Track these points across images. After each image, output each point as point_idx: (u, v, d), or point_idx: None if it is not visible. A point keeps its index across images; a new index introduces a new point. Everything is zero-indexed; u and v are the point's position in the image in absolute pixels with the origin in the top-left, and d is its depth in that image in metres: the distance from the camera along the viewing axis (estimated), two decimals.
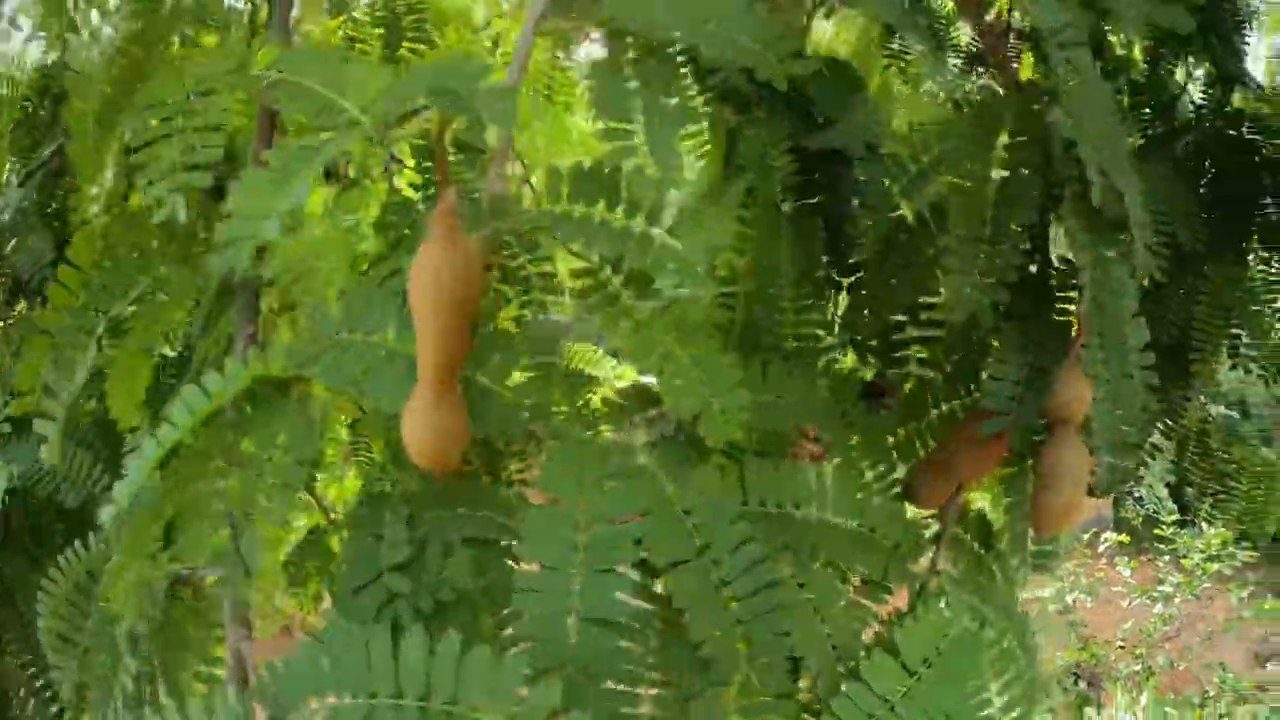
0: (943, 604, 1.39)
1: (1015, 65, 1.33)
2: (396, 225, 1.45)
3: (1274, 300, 2.83)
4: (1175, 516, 8.07)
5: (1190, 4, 2.62)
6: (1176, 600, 7.45)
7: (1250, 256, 2.83)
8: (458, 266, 1.02)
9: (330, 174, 2.31)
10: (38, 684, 2.08)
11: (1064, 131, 1.09)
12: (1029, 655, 1.50)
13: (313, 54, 1.38)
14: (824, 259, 1.51)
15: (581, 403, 1.31)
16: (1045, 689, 1.54)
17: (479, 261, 1.02)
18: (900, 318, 1.57)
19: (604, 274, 1.13)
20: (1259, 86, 3.01)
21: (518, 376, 1.38)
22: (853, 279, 1.55)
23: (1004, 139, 1.12)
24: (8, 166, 2.48)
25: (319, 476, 1.61)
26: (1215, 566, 7.44)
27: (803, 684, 1.31)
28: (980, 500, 1.69)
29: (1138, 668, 7.24)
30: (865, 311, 1.53)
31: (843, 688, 1.22)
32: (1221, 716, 6.92)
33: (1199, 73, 3.05)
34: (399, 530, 1.17)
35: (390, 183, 2.18)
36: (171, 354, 1.91)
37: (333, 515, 1.90)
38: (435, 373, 1.06)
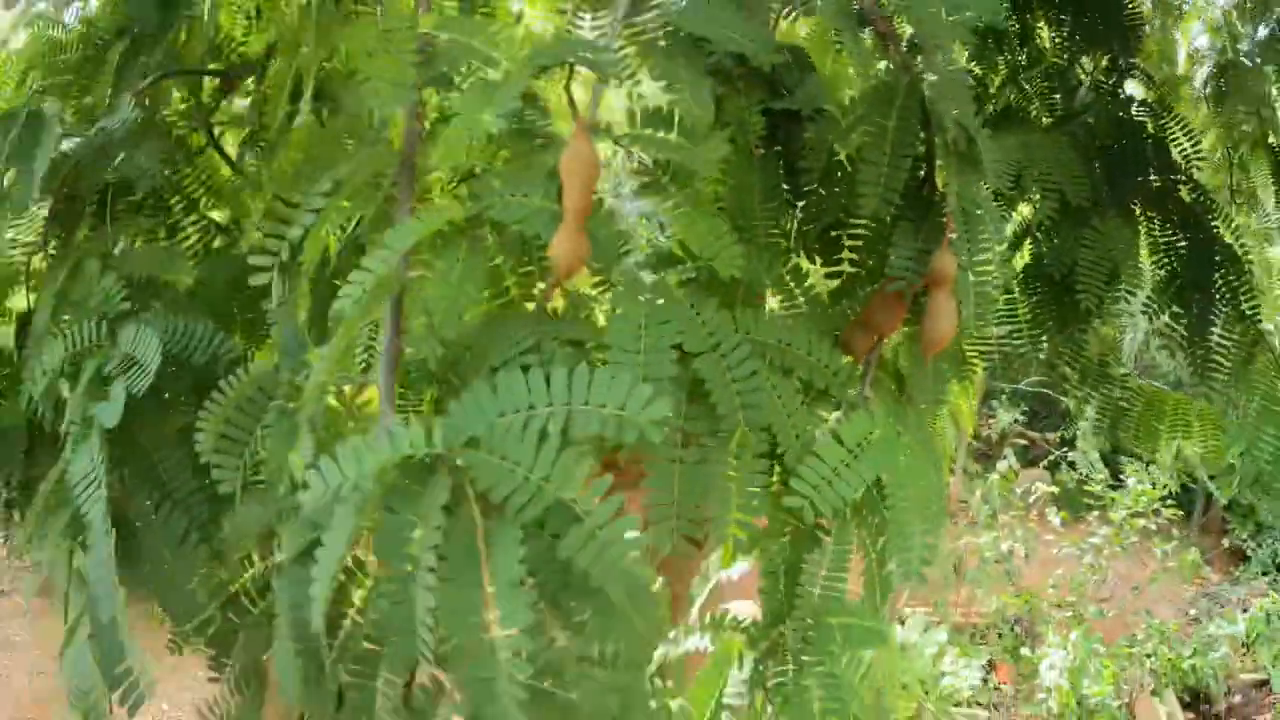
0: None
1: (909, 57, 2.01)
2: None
3: (1157, 258, 3.54)
4: (1106, 480, 8.71)
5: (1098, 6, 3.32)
6: (1105, 553, 7.97)
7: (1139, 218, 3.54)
8: (593, 155, 1.63)
9: None
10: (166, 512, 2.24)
11: (929, 104, 1.79)
12: (936, 469, 2.16)
13: (464, 20, 1.86)
14: (783, 186, 2.18)
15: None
16: (945, 503, 2.15)
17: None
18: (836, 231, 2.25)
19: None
20: (1149, 77, 3.74)
21: None
22: (803, 201, 2.23)
23: (898, 103, 1.81)
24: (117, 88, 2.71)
25: None
26: (1141, 522, 8.00)
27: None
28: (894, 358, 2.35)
29: (1069, 614, 7.80)
30: (812, 224, 2.21)
31: (804, 461, 1.81)
32: (1148, 656, 7.57)
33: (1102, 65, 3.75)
34: None
35: None
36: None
37: None
38: (576, 218, 1.62)
